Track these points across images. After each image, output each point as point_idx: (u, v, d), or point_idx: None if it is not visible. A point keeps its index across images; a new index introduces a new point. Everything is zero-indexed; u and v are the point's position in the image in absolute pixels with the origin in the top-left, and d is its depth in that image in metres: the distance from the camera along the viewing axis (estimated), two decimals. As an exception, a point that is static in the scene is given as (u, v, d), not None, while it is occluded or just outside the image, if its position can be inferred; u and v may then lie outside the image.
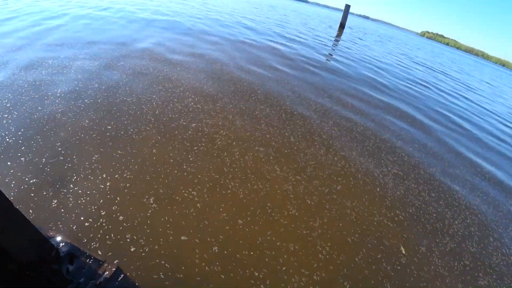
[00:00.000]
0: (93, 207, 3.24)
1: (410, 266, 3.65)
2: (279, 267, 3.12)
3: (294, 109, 7.23)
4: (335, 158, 5.42)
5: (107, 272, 2.47)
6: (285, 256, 3.28)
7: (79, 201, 3.27)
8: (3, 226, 1.84)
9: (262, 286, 2.87)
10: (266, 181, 4.34)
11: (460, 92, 16.95)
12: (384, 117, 8.53)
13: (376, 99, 10.11)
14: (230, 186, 4.07)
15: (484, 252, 4.29)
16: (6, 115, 4.43)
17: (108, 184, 3.59)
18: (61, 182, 3.42)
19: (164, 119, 5.29)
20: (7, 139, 3.95)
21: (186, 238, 3.15)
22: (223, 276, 2.87)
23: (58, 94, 5.39)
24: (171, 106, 5.80)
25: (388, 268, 3.51)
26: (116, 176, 3.76)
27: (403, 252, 3.83)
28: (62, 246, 2.53)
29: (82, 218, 3.09)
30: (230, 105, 6.49)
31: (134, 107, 5.48)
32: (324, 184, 4.63)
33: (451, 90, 16.64)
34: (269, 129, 5.87)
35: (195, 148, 4.67)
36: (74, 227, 2.95)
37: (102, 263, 2.50)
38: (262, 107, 6.80)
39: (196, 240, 3.19)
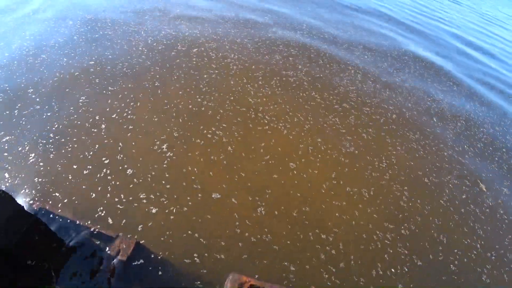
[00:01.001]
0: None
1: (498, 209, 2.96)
2: (354, 222, 2.42)
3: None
4: (377, 86, 4.34)
5: (122, 251, 1.81)
6: (360, 205, 2.51)
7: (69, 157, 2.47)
8: None
9: (333, 251, 2.22)
10: (306, 112, 3.47)
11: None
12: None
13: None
14: (265, 121, 3.18)
15: None
16: None
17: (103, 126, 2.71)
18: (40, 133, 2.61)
19: (159, 47, 4.16)
20: None
21: (219, 196, 2.33)
22: (276, 248, 2.15)
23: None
24: (163, 34, 4.53)
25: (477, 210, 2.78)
26: (114, 116, 2.86)
27: (484, 189, 3.16)
28: (50, 220, 1.90)
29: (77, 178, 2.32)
30: (235, 29, 5.16)
31: (119, 40, 4.18)
32: (376, 112, 3.63)
33: None
34: (290, 51, 4.78)
35: (205, 76, 3.70)
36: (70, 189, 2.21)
37: (114, 239, 1.86)
38: (274, 29, 5.48)
39: (233, 199, 2.32)
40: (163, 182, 2.30)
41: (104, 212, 2.07)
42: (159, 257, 1.93)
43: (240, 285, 1.81)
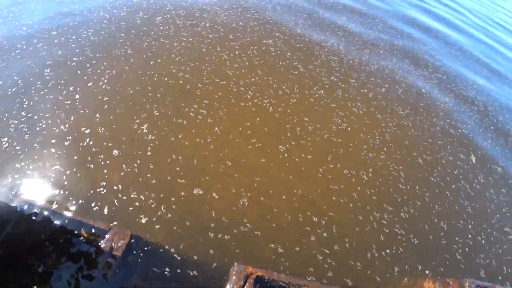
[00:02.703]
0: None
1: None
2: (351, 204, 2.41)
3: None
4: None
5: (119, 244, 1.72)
6: (359, 188, 2.52)
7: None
8: None
9: (325, 234, 2.20)
10: (292, 83, 3.34)
11: None
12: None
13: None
14: (248, 96, 3.04)
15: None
16: None
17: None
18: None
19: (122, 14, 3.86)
20: None
21: (201, 192, 2.21)
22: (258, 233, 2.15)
23: None
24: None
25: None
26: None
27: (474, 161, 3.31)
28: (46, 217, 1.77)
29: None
30: None
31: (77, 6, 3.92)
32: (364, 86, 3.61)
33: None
34: (263, 18, 4.57)
35: (176, 45, 3.48)
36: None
37: (107, 232, 1.76)
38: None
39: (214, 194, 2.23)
40: (148, 175, 2.19)
41: (95, 202, 2.01)
42: (154, 250, 1.88)
43: (246, 277, 1.76)
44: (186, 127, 2.52)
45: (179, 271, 1.81)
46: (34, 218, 1.75)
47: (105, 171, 2.14)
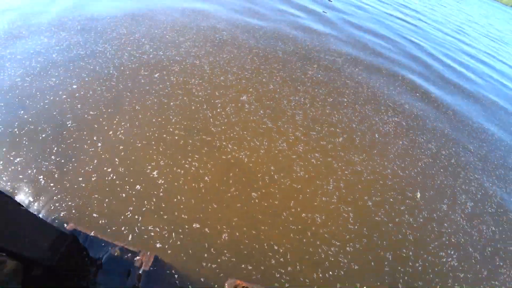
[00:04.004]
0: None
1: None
2: (305, 240, 3.17)
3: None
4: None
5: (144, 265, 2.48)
6: (313, 228, 3.29)
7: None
8: (20, 234, 1.86)
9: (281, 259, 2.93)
10: (262, 136, 4.21)
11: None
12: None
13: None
14: (228, 149, 3.87)
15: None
16: None
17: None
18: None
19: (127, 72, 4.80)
20: None
21: (198, 226, 3.01)
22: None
23: None
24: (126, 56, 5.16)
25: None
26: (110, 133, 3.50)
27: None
28: (86, 240, 2.51)
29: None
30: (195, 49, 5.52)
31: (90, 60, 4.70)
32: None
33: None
34: (240, 73, 5.49)
35: (171, 104, 4.36)
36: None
37: (137, 254, 2.53)
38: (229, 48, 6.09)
39: (206, 229, 3.02)
40: (161, 213, 2.98)
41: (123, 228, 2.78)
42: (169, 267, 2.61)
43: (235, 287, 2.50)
44: (184, 176, 3.37)
45: (188, 283, 2.56)
46: (80, 241, 2.43)
47: (129, 207, 2.92)
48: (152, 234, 2.80)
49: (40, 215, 2.67)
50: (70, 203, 2.86)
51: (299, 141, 4.25)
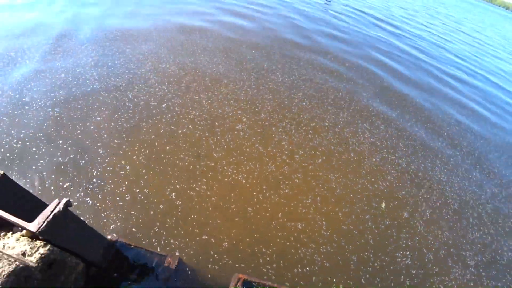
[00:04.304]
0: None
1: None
2: (288, 243, 4.18)
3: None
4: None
5: (171, 265, 3.36)
6: (295, 234, 4.29)
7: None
8: (85, 243, 2.75)
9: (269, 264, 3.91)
10: (255, 160, 5.21)
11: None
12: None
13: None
14: (228, 173, 4.88)
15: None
16: None
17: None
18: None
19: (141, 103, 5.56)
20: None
21: (206, 237, 3.96)
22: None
23: None
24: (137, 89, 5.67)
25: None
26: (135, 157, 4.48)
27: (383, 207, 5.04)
28: (127, 249, 3.35)
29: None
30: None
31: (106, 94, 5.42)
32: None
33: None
34: (236, 105, 6.49)
35: (179, 132, 5.37)
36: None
37: (165, 257, 3.38)
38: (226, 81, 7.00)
39: (212, 239, 3.98)
40: (179, 229, 3.94)
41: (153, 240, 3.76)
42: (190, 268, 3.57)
43: (237, 281, 3.22)
44: (196, 197, 4.34)
45: (200, 279, 3.50)
46: (122, 249, 3.28)
47: (157, 222, 3.89)
48: (173, 246, 3.73)
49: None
50: (114, 218, 3.83)
51: (285, 164, 5.24)
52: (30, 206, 2.63)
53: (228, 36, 9.69)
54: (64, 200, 2.30)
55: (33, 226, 2.15)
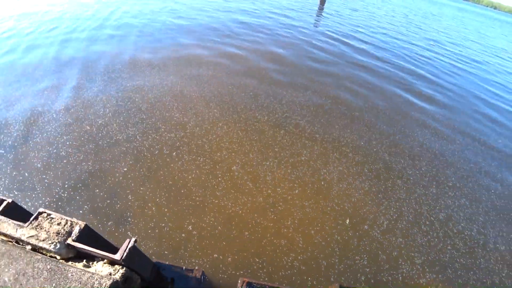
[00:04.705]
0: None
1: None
2: (275, 255, 5.72)
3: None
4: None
5: (197, 275, 4.82)
6: (280, 248, 5.79)
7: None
8: (141, 264, 3.99)
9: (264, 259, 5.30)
10: (248, 191, 6.61)
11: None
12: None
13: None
14: (229, 211, 6.19)
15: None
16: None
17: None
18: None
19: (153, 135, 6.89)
20: None
21: (216, 255, 5.49)
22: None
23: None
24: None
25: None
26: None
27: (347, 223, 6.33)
28: (164, 267, 4.72)
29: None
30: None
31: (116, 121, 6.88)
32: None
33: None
34: (229, 145, 8.12)
35: (189, 177, 7.04)
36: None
37: (192, 271, 4.82)
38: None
39: (220, 256, 5.27)
40: (197, 251, 5.53)
41: (180, 260, 5.05)
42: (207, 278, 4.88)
43: (243, 283, 3.90)
44: (206, 227, 5.84)
45: (217, 284, 5.06)
46: (158, 267, 4.06)
47: (181, 247, 5.45)
48: (194, 263, 5.12)
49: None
50: (151, 245, 5.37)
51: (270, 196, 6.78)
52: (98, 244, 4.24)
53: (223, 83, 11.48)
54: (133, 239, 3.91)
55: (118, 256, 3.76)
